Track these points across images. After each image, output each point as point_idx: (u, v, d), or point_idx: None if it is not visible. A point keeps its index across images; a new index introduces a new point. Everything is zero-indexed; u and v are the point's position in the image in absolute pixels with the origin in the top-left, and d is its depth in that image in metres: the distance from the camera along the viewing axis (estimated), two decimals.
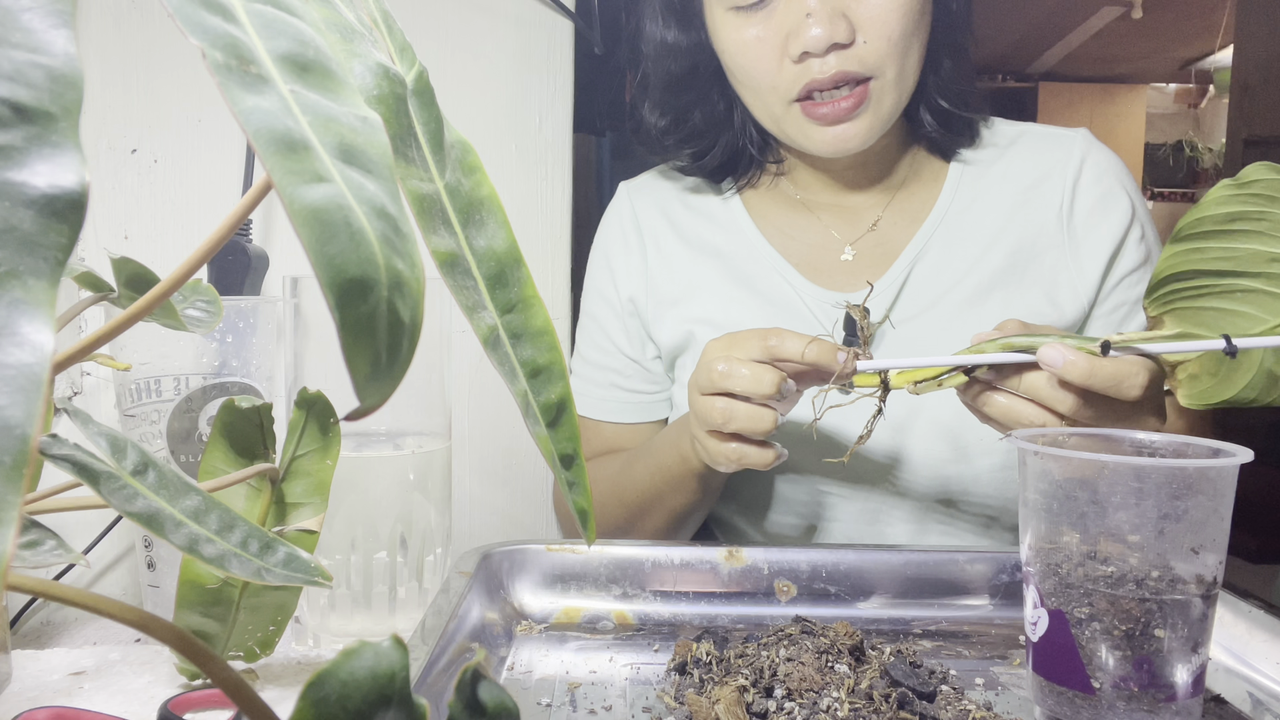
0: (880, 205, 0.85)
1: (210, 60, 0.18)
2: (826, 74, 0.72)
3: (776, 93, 0.76)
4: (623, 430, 0.88)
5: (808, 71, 0.73)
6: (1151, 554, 0.45)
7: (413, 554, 0.60)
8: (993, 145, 0.86)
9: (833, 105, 0.74)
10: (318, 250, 0.17)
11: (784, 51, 0.74)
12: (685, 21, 0.82)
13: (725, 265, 0.85)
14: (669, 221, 0.88)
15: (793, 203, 0.87)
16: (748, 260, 0.84)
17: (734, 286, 0.84)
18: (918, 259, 0.81)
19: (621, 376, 0.88)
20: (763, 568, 0.63)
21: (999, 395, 0.58)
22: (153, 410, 0.60)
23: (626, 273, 0.88)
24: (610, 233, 0.91)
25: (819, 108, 0.74)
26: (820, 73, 0.72)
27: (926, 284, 0.80)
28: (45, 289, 0.14)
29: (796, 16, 0.72)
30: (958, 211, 0.82)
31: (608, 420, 0.88)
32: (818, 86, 0.73)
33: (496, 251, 0.27)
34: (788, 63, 0.74)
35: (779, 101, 0.76)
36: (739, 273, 0.84)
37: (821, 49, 0.71)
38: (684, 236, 0.87)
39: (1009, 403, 0.58)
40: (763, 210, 0.87)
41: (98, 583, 0.78)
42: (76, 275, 0.44)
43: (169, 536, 0.33)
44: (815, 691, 0.47)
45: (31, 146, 0.14)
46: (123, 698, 0.52)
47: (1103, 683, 0.46)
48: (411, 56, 0.28)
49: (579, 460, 0.29)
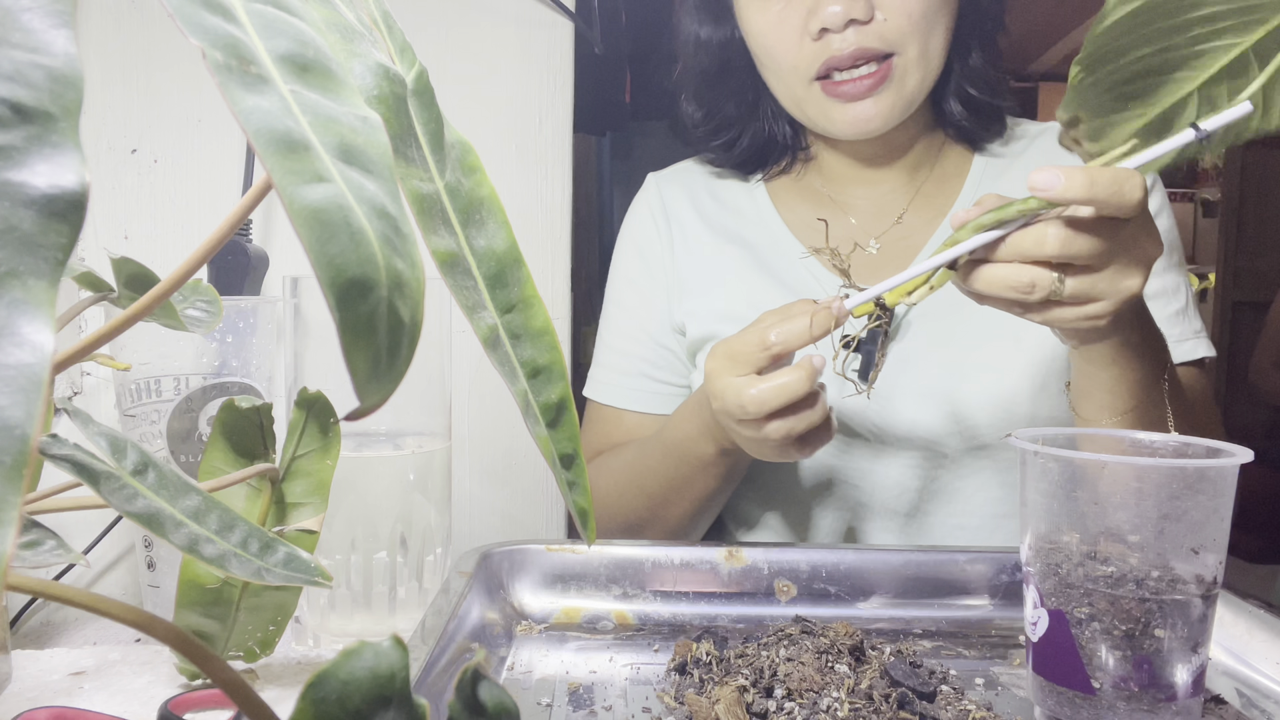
0: (905, 199, 0.86)
1: (210, 60, 0.18)
2: (846, 50, 0.73)
3: (797, 72, 0.76)
4: (646, 420, 0.88)
5: (827, 48, 0.73)
6: (1151, 554, 0.45)
7: (413, 554, 0.60)
8: (1018, 140, 0.87)
9: (854, 83, 0.74)
10: (318, 250, 0.17)
11: (804, 29, 0.74)
12: (719, 17, 0.84)
13: (751, 255, 0.86)
14: (697, 211, 0.90)
15: (819, 196, 0.88)
16: (772, 252, 0.85)
17: (759, 276, 0.84)
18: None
19: (652, 366, 0.88)
20: (763, 568, 0.63)
21: (985, 268, 0.54)
22: (153, 410, 0.60)
23: (658, 258, 0.89)
24: (640, 220, 0.92)
25: (839, 86, 0.75)
26: (839, 49, 0.73)
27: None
28: (45, 289, 0.14)
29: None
30: None
31: (634, 410, 0.88)
32: (837, 64, 0.74)
33: (496, 251, 0.27)
34: (808, 40, 0.74)
35: (800, 81, 0.77)
36: (764, 264, 0.85)
37: (840, 24, 0.72)
38: (711, 225, 0.89)
39: (996, 271, 0.54)
40: (789, 203, 0.88)
41: (98, 583, 0.78)
42: (76, 275, 0.44)
43: (169, 536, 0.33)
44: (815, 691, 0.47)
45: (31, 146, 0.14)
46: (123, 698, 0.52)
47: (1103, 683, 0.46)
48: (411, 56, 0.28)
49: (579, 460, 0.29)
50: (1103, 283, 0.54)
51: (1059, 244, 0.52)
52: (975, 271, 0.54)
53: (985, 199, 0.56)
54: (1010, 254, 0.53)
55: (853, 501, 0.81)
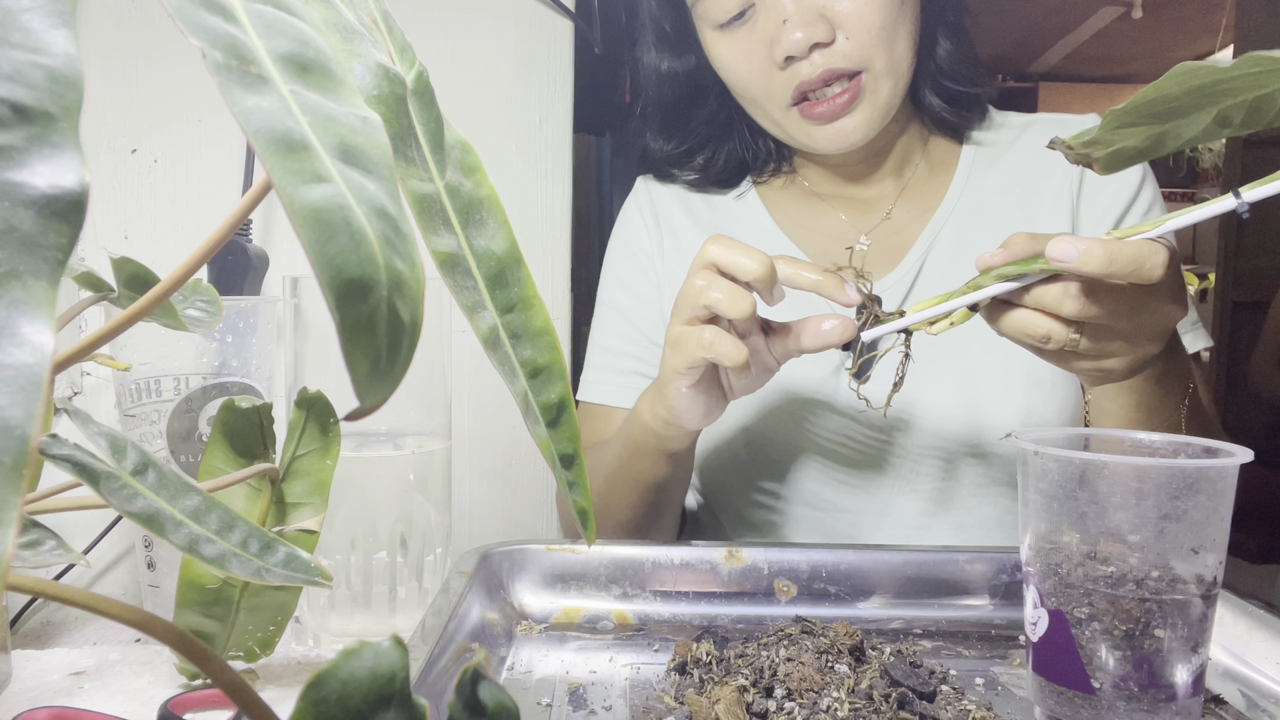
0: (893, 195, 0.86)
1: (210, 60, 0.18)
2: (814, 74, 0.74)
3: (773, 100, 0.77)
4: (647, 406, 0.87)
5: (796, 74, 0.74)
6: (1151, 554, 0.45)
7: (413, 554, 0.60)
8: (1005, 128, 0.87)
9: (828, 103, 0.75)
10: (318, 250, 0.17)
11: (770, 59, 0.75)
12: (680, 49, 0.84)
13: None
14: (687, 212, 0.90)
15: (808, 195, 0.89)
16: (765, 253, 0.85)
17: None
18: (931, 247, 0.82)
19: (644, 364, 0.88)
20: (763, 568, 0.63)
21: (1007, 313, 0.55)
22: (153, 410, 0.60)
23: (649, 258, 0.89)
24: (630, 221, 0.92)
25: (815, 107, 0.75)
26: (808, 74, 0.74)
27: (941, 272, 0.81)
28: (45, 289, 0.14)
29: (775, 24, 0.74)
30: (970, 199, 0.83)
31: (625, 407, 0.88)
32: (808, 88, 0.75)
33: (496, 251, 0.27)
34: (775, 70, 0.75)
35: (777, 108, 0.78)
36: None
37: (803, 50, 0.73)
38: (701, 225, 0.89)
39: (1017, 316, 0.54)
40: (778, 203, 0.89)
41: (98, 583, 0.78)
42: (76, 275, 0.44)
43: (169, 536, 0.33)
44: (815, 691, 0.47)
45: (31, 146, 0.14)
46: (123, 698, 0.52)
47: (1103, 683, 0.46)
48: (411, 56, 0.28)
49: (579, 460, 0.29)
50: (1119, 342, 0.54)
51: (1077, 307, 0.52)
52: (997, 313, 0.55)
53: (1013, 240, 0.55)
54: (1031, 303, 0.54)
55: (861, 510, 0.81)
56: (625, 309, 0.90)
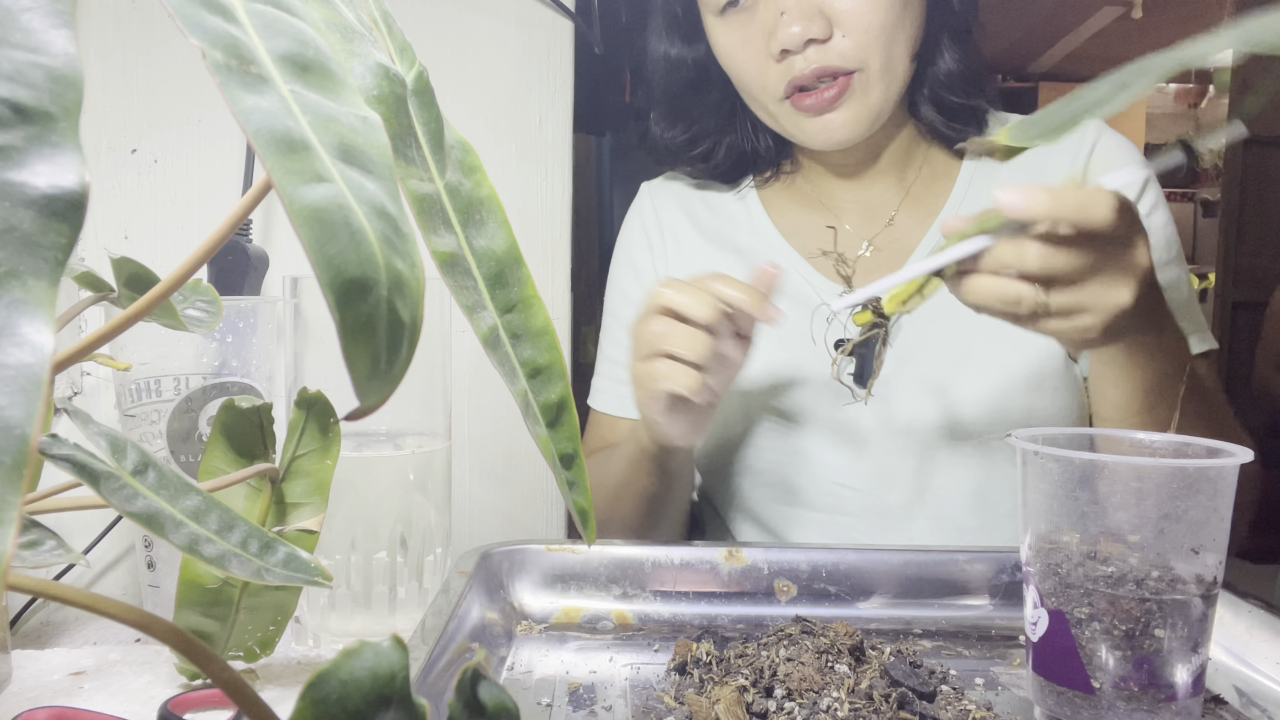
0: (895, 200, 0.86)
1: (210, 60, 0.18)
2: (808, 70, 0.74)
3: (767, 91, 0.78)
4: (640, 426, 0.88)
5: (790, 69, 0.75)
6: (1151, 554, 0.45)
7: (413, 554, 0.60)
8: None
9: (817, 96, 0.75)
10: (318, 250, 0.17)
11: (767, 51, 0.75)
12: (690, 35, 0.84)
13: (745, 262, 0.86)
14: (690, 218, 0.90)
15: (810, 200, 0.89)
16: (765, 257, 0.85)
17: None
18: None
19: None
20: (763, 568, 0.63)
21: (971, 278, 0.55)
22: (153, 410, 0.60)
23: (650, 269, 0.90)
24: (633, 233, 0.93)
25: (805, 99, 0.76)
26: (802, 69, 0.74)
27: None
28: (45, 289, 0.14)
29: (774, 15, 0.74)
30: (973, 204, 0.83)
31: (631, 418, 0.88)
32: (800, 83, 0.75)
33: (496, 251, 0.27)
34: (771, 62, 0.75)
35: (771, 100, 0.78)
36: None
37: (798, 45, 0.73)
38: (704, 232, 0.89)
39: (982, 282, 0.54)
40: (780, 208, 0.89)
41: (98, 583, 0.78)
42: (76, 275, 0.44)
43: (169, 536, 0.33)
44: (815, 691, 0.47)
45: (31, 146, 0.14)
46: (123, 698, 0.52)
47: (1103, 683, 0.46)
48: (411, 56, 0.28)
49: (579, 460, 0.29)
50: (1088, 297, 0.54)
51: (1039, 259, 0.52)
52: (963, 281, 0.55)
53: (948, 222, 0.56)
54: (993, 265, 0.53)
55: (840, 495, 0.81)
56: (628, 321, 0.90)
